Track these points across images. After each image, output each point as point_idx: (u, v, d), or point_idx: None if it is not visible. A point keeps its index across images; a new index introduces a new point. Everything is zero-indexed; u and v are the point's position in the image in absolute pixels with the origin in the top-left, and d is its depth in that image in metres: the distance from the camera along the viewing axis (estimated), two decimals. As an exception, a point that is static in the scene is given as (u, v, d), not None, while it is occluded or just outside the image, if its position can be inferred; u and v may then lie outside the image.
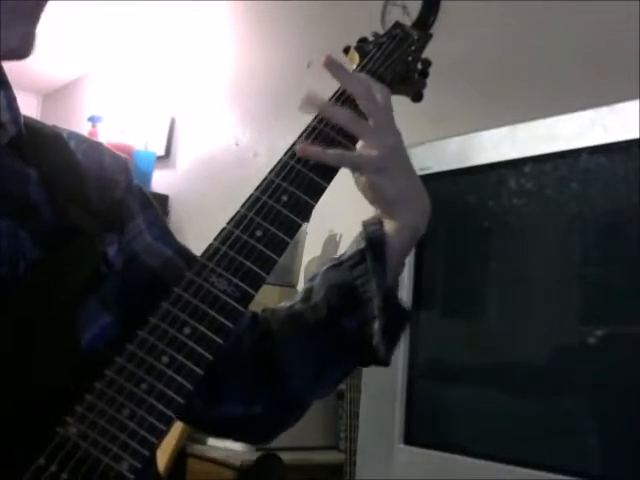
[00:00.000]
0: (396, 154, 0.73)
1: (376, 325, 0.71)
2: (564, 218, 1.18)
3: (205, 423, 0.82)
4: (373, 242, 0.72)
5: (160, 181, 3.22)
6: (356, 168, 0.73)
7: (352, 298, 0.73)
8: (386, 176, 0.72)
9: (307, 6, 2.62)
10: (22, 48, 0.66)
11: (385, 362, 0.73)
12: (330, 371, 0.77)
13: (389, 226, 0.73)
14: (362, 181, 0.74)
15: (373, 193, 0.73)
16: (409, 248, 0.75)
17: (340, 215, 1.90)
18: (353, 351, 0.75)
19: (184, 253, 0.81)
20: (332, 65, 0.74)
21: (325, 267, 0.76)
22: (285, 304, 0.78)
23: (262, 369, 0.75)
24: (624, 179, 1.09)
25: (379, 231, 0.73)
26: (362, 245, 0.73)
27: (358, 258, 0.73)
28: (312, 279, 0.78)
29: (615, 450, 1.05)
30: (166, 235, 0.82)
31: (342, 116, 0.72)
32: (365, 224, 0.74)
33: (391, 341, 0.72)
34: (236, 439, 0.84)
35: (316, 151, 0.70)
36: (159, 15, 3.36)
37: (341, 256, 0.76)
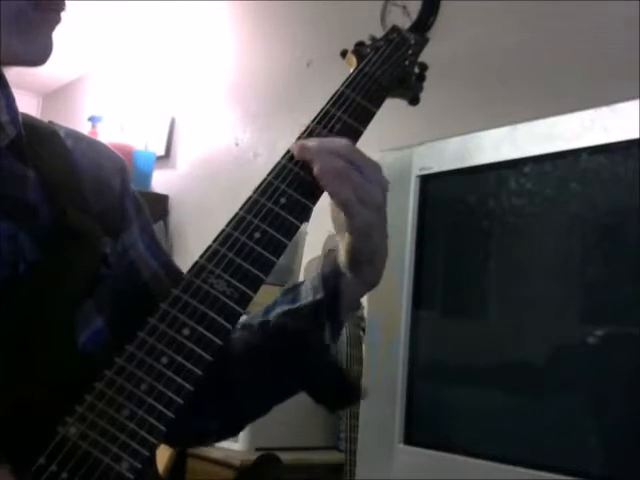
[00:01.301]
0: (383, 210, 0.70)
1: (324, 390, 0.77)
2: (564, 218, 1.18)
3: (168, 437, 0.85)
4: (331, 299, 0.74)
5: (160, 181, 3.23)
6: (348, 218, 0.68)
7: (302, 348, 0.75)
8: (369, 235, 0.69)
9: (307, 6, 2.62)
10: (41, 59, 0.67)
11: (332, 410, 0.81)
12: (277, 402, 0.82)
13: (347, 276, 0.73)
14: (338, 220, 0.71)
15: (349, 246, 0.71)
16: (360, 298, 0.79)
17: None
18: (298, 390, 0.80)
19: (168, 267, 0.82)
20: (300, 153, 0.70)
21: (280, 308, 0.77)
22: (240, 334, 0.79)
23: (218, 393, 0.78)
24: (624, 179, 1.09)
25: (337, 286, 0.74)
26: (318, 297, 0.74)
27: (312, 310, 0.75)
28: (267, 311, 0.79)
29: (615, 450, 1.05)
30: (154, 245, 0.82)
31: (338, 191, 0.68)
32: (324, 273, 0.75)
33: (338, 403, 0.80)
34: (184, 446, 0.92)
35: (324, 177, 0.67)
36: (159, 15, 3.36)
37: (297, 294, 0.77)
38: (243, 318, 0.80)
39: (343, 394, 0.77)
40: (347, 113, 0.74)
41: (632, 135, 1.03)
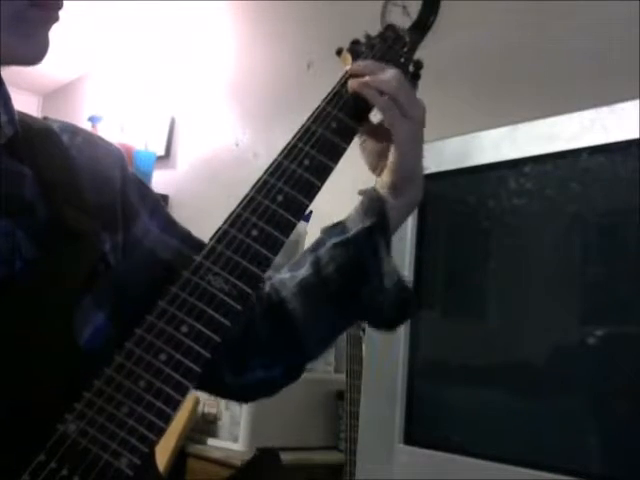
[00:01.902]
0: (422, 127, 0.77)
1: (389, 309, 0.77)
2: (564, 218, 1.18)
3: (232, 391, 0.86)
4: (380, 222, 0.76)
5: (160, 181, 3.22)
6: (394, 127, 0.75)
7: (362, 275, 0.76)
8: (413, 147, 0.76)
9: (307, 6, 2.62)
10: (37, 58, 0.67)
11: (392, 328, 0.81)
12: (338, 333, 0.84)
13: (389, 199, 0.77)
14: (376, 148, 0.78)
15: (395, 162, 0.76)
16: (405, 220, 0.81)
17: (340, 215, 1.90)
18: (362, 318, 0.83)
19: (189, 240, 0.82)
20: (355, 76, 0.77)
21: (331, 242, 0.78)
22: (290, 275, 0.80)
23: (279, 337, 0.79)
24: (624, 179, 1.09)
25: (383, 208, 0.76)
26: (367, 223, 0.76)
27: (366, 237, 0.76)
28: (316, 248, 0.79)
29: (615, 450, 1.05)
30: (169, 223, 0.83)
31: (376, 98, 0.75)
32: (369, 199, 0.77)
33: (400, 314, 0.79)
34: (251, 400, 0.92)
35: (370, 91, 0.75)
36: (159, 15, 3.36)
37: (343, 227, 0.78)
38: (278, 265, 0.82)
39: (407, 306, 0.78)
40: (343, 111, 0.75)
41: (632, 135, 1.03)
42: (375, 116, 0.78)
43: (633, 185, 1.05)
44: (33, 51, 0.66)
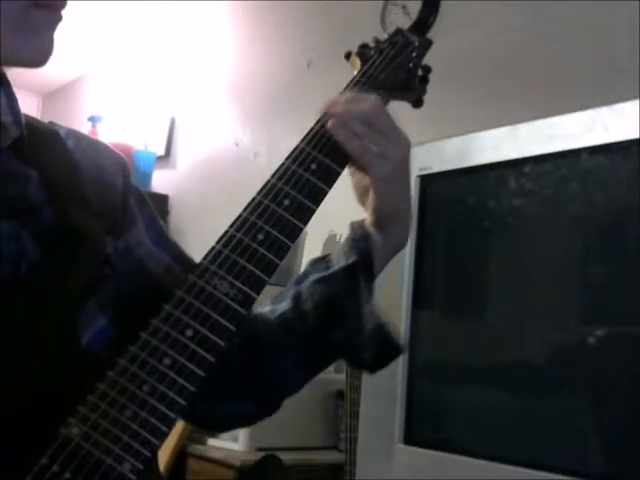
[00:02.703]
0: (405, 166, 0.74)
1: (366, 352, 0.74)
2: (564, 218, 1.18)
3: (205, 421, 0.85)
4: (364, 262, 0.74)
5: (160, 181, 3.23)
6: (369, 170, 0.73)
7: (340, 313, 0.74)
8: (393, 188, 0.73)
9: (307, 6, 2.62)
10: (41, 59, 0.67)
11: (372, 371, 0.78)
12: (314, 373, 0.81)
13: (376, 238, 0.75)
14: (361, 183, 0.75)
15: (374, 202, 0.74)
16: (385, 265, 0.78)
17: (340, 215, 1.90)
18: (337, 357, 0.79)
19: (181, 258, 0.81)
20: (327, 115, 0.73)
21: (313, 277, 0.77)
22: (271, 308, 0.79)
23: (254, 372, 0.78)
24: (624, 179, 1.09)
25: (369, 248, 0.74)
26: (350, 260, 0.74)
27: (348, 274, 0.74)
28: (298, 282, 0.78)
29: (615, 450, 1.05)
30: (163, 238, 0.82)
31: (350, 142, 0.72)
32: (355, 237, 0.75)
33: (377, 359, 0.75)
34: (226, 431, 0.91)
35: (344, 134, 0.71)
36: (159, 15, 3.36)
37: (328, 262, 0.77)
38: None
39: (386, 352, 0.76)
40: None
41: (632, 135, 1.03)
42: None
43: (633, 185, 1.05)
44: (37, 53, 0.66)
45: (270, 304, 0.80)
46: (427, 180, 1.31)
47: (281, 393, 0.81)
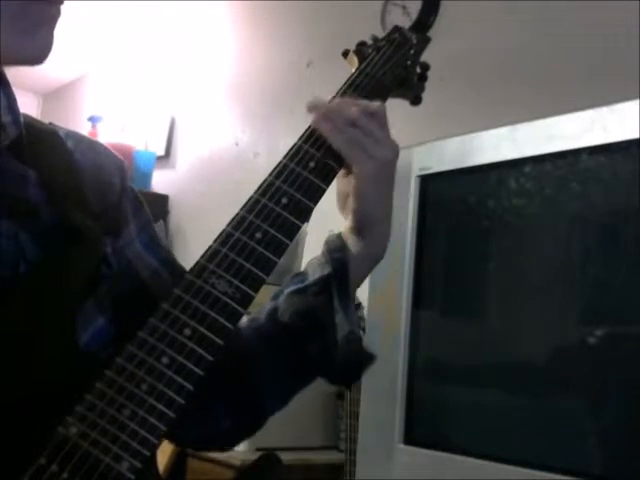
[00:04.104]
0: (390, 170, 0.74)
1: (336, 354, 0.72)
2: (564, 218, 1.18)
3: (188, 441, 0.84)
4: (338, 272, 0.73)
5: (160, 181, 3.23)
6: (354, 165, 0.72)
7: (315, 325, 0.74)
8: (375, 189, 0.72)
9: (307, 6, 2.62)
10: (40, 56, 0.66)
11: (346, 383, 0.76)
12: (294, 386, 0.80)
13: (353, 248, 0.74)
14: (343, 189, 0.75)
15: (355, 203, 0.73)
16: (366, 276, 0.77)
17: (340, 215, 1.90)
18: (316, 373, 0.78)
19: (169, 264, 0.81)
20: (314, 109, 0.73)
21: (288, 290, 0.77)
22: (249, 324, 0.79)
23: (231, 386, 0.77)
24: (624, 179, 1.09)
25: (344, 259, 0.74)
26: (326, 272, 0.74)
27: (322, 286, 0.74)
28: (275, 297, 0.78)
29: (615, 450, 1.05)
30: (153, 243, 0.81)
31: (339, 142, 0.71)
32: (330, 248, 0.75)
33: (352, 372, 0.75)
34: (206, 450, 0.89)
35: (328, 127, 0.71)
36: (159, 15, 3.36)
37: (304, 275, 0.77)
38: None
39: (355, 361, 0.74)
40: None
41: (632, 135, 1.03)
42: None
43: (633, 185, 1.05)
44: (37, 50, 0.66)
45: (248, 320, 0.79)
46: (427, 180, 1.31)
47: (259, 413, 0.80)
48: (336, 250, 0.74)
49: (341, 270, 0.73)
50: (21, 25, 0.64)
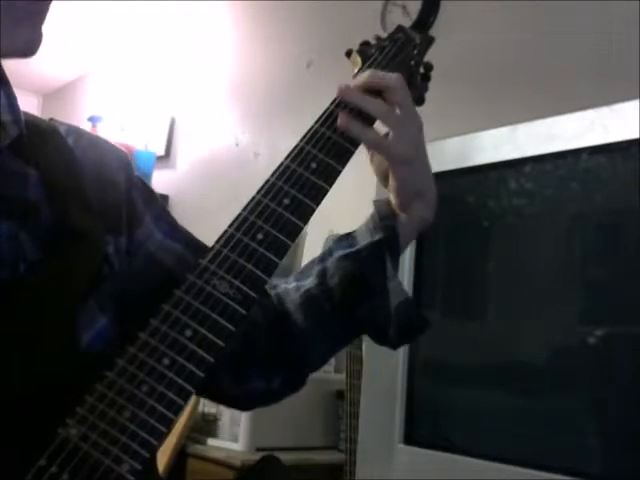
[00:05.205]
0: (421, 146, 0.75)
1: (391, 328, 0.74)
2: (564, 218, 1.18)
3: (230, 398, 0.85)
4: (390, 239, 0.75)
5: (160, 181, 3.22)
6: (386, 156, 0.74)
7: (366, 290, 0.75)
8: (410, 169, 0.74)
9: (307, 6, 2.62)
10: (28, 47, 0.66)
11: (394, 347, 0.78)
12: (339, 348, 0.83)
13: (400, 216, 0.76)
14: (381, 167, 0.77)
15: (395, 183, 0.75)
16: (414, 238, 0.79)
17: (340, 215, 1.90)
18: (362, 333, 0.80)
19: (193, 245, 0.81)
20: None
21: (338, 254, 0.78)
22: (296, 284, 0.80)
23: (279, 347, 0.79)
24: (624, 179, 1.09)
25: (394, 224, 0.75)
26: (376, 237, 0.75)
27: (373, 251, 0.75)
28: (323, 259, 0.79)
29: (615, 450, 1.05)
30: (174, 229, 0.82)
31: (372, 105, 0.73)
32: (380, 214, 0.76)
33: (402, 335, 0.76)
34: (250, 409, 0.91)
35: (357, 127, 0.72)
36: (159, 15, 3.36)
37: (352, 239, 0.78)
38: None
39: (411, 327, 0.76)
40: (353, 112, 0.73)
41: (632, 135, 1.03)
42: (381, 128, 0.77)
43: (633, 185, 1.05)
44: (25, 42, 0.66)
45: (294, 281, 0.81)
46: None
47: (307, 368, 0.81)
48: (386, 217, 0.76)
49: (392, 237, 0.75)
50: (9, 18, 0.63)
